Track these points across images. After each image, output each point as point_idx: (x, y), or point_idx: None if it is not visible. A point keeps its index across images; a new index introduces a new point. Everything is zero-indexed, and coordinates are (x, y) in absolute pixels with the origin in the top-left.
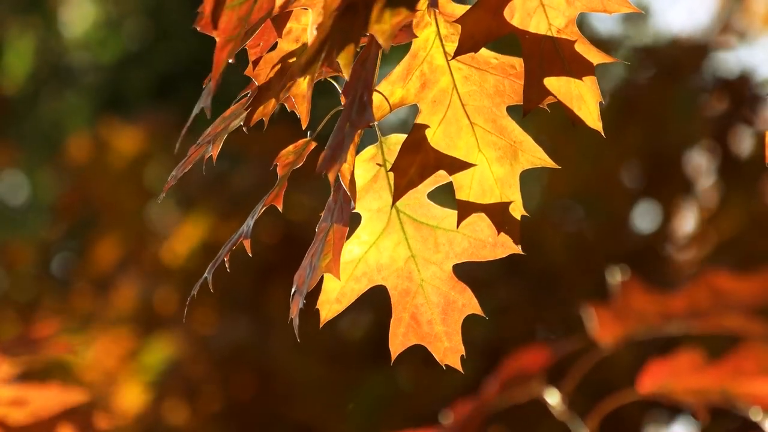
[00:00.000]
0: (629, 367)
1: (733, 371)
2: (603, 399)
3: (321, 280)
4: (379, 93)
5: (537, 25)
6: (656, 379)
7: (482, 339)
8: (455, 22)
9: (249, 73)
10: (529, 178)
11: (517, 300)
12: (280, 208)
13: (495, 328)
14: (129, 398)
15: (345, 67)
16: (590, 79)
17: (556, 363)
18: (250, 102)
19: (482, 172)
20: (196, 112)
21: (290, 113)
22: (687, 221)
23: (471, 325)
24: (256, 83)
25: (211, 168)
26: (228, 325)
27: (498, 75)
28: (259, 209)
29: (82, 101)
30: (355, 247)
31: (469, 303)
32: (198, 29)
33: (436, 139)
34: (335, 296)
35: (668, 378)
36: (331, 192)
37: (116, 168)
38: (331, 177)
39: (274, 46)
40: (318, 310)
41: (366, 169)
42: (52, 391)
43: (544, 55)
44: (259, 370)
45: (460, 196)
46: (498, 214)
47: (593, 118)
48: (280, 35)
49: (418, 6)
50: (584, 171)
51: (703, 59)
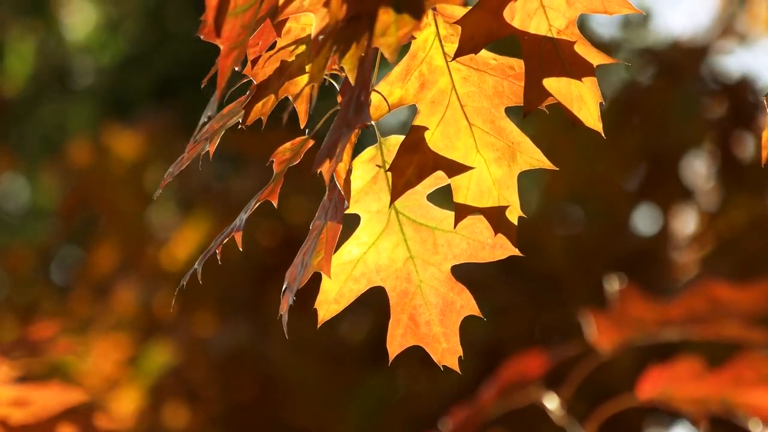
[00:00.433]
0: (628, 372)
1: (732, 380)
2: (602, 404)
3: (321, 281)
4: (378, 93)
5: (537, 27)
6: (656, 386)
7: (480, 340)
8: (455, 23)
9: (248, 72)
10: (528, 180)
11: (515, 301)
12: (275, 204)
13: (493, 330)
14: (128, 403)
15: (350, 72)
16: (590, 80)
17: (554, 368)
18: (248, 100)
19: (480, 173)
20: (203, 120)
21: (291, 117)
22: (687, 224)
23: (469, 326)
24: (255, 82)
25: (211, 172)
26: (227, 328)
27: (497, 76)
28: (254, 204)
29: (83, 104)
30: (354, 248)
31: (467, 304)
32: (202, 37)
33: (435, 140)
34: (333, 296)
35: (668, 385)
36: (326, 191)
37: (116, 172)
38: (325, 175)
39: (273, 45)
40: (317, 311)
41: (365, 170)
42: (52, 391)
43: (544, 56)
44: (258, 373)
45: (458, 197)
46: (495, 215)
47: (593, 118)
48: (279, 35)
49: (423, 18)
50: (583, 173)
51: (703, 62)
